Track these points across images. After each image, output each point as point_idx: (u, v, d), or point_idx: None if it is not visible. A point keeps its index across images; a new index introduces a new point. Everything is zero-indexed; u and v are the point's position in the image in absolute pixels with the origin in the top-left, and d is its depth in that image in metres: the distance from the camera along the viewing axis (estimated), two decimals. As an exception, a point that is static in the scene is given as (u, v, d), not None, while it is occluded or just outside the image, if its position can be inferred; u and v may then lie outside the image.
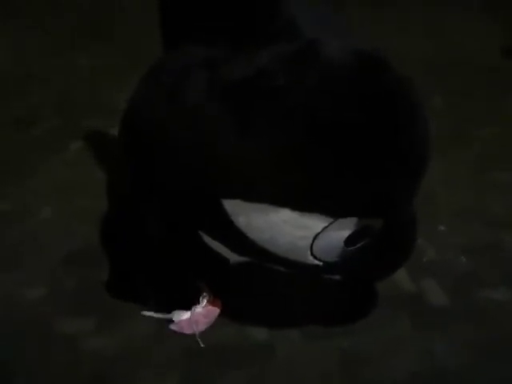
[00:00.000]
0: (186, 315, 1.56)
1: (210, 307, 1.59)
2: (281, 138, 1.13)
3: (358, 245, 1.31)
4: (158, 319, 1.57)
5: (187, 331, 1.54)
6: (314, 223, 1.22)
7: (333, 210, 1.21)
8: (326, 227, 1.23)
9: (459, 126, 2.55)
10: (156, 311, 1.58)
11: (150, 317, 1.58)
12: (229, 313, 1.59)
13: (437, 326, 1.57)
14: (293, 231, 1.24)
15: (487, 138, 2.49)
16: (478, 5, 4.10)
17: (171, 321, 1.57)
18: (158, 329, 1.55)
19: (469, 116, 2.65)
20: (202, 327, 1.55)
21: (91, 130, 2.61)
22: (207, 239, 1.44)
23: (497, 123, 2.60)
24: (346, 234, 1.26)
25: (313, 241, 1.26)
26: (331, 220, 1.22)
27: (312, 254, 1.29)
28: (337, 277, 1.48)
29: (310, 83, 1.15)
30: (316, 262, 1.32)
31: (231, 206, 1.24)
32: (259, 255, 1.36)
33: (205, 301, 1.59)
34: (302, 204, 1.19)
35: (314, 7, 1.42)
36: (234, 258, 1.48)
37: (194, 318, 1.56)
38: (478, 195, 2.10)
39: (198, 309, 1.57)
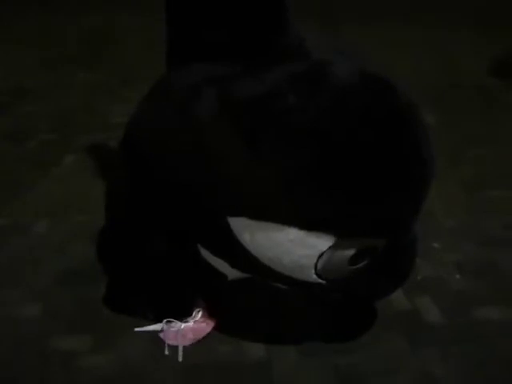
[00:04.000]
0: (175, 327, 1.56)
1: (202, 324, 1.58)
2: (292, 159, 1.14)
3: (362, 264, 1.32)
4: (156, 337, 1.56)
5: (171, 342, 1.54)
6: (320, 242, 1.24)
7: (340, 230, 1.22)
8: (331, 246, 1.24)
9: (455, 145, 2.58)
10: (152, 323, 1.59)
11: (145, 333, 1.58)
12: (226, 329, 1.58)
13: (432, 343, 1.57)
14: (298, 250, 1.25)
15: (483, 156, 2.51)
16: (476, 25, 4.16)
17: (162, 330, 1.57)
18: (155, 347, 1.55)
19: (464, 135, 2.68)
20: (187, 342, 1.55)
21: (86, 144, 2.62)
22: (206, 254, 1.44)
23: (492, 142, 2.62)
24: (350, 253, 1.27)
25: (317, 260, 1.27)
26: (337, 239, 1.23)
27: (316, 272, 1.30)
28: (338, 295, 1.49)
29: (320, 105, 1.16)
30: (319, 280, 1.33)
31: (237, 223, 1.25)
32: (262, 273, 1.36)
33: (198, 315, 1.59)
34: (310, 224, 1.20)
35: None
36: (232, 274, 1.48)
37: (183, 331, 1.56)
38: (472, 213, 2.12)
39: (189, 323, 1.57)
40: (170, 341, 1.54)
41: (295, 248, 1.24)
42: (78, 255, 1.88)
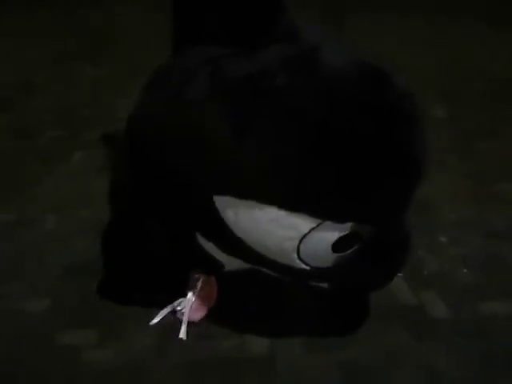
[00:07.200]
0: (188, 303, 1.56)
1: (208, 289, 1.58)
2: (279, 141, 1.13)
3: (347, 252, 1.31)
4: (160, 332, 1.57)
5: (191, 318, 1.55)
6: (301, 223, 1.23)
7: (321, 212, 1.21)
8: (313, 228, 1.23)
9: (462, 138, 2.57)
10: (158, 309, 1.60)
11: (155, 325, 1.59)
12: (220, 320, 1.58)
13: (437, 338, 1.57)
14: (279, 231, 1.24)
15: (490, 150, 2.50)
16: (485, 16, 4.13)
17: (175, 311, 1.58)
18: (159, 342, 1.55)
19: (472, 128, 2.66)
20: (205, 311, 1.57)
21: (94, 139, 2.62)
22: (203, 242, 1.44)
23: (500, 136, 2.61)
24: (333, 238, 1.26)
25: (299, 243, 1.26)
26: (319, 221, 1.22)
27: (299, 257, 1.30)
28: (325, 284, 1.48)
29: (310, 88, 1.15)
30: (303, 266, 1.32)
31: (222, 202, 1.25)
32: (248, 256, 1.37)
33: (200, 283, 1.58)
34: (290, 204, 1.19)
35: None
36: (229, 263, 1.48)
37: (196, 303, 1.57)
38: (479, 207, 2.11)
39: (197, 293, 1.57)
40: (189, 317, 1.55)
41: (276, 229, 1.24)
42: (84, 250, 1.88)
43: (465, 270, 1.80)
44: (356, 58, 1.23)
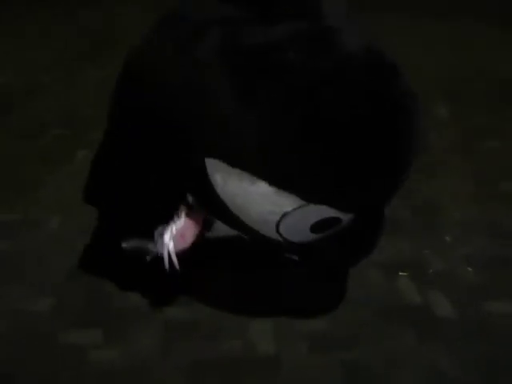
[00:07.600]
0: (169, 234, 1.54)
1: (192, 217, 1.55)
2: (278, 115, 1.14)
3: (324, 233, 1.33)
4: (164, 333, 1.57)
5: (176, 247, 1.53)
6: (286, 202, 1.25)
7: (307, 195, 1.23)
8: (295, 209, 1.25)
9: (467, 138, 2.56)
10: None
11: (156, 325, 1.59)
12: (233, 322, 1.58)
13: (442, 338, 1.57)
14: (264, 204, 1.26)
15: (494, 149, 2.50)
16: (485, 16, 4.13)
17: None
18: (163, 341, 1.55)
19: (476, 128, 2.66)
20: (190, 239, 1.54)
21: (96, 139, 2.61)
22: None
23: (504, 135, 2.61)
24: (313, 220, 1.29)
25: (281, 218, 1.28)
26: (303, 203, 1.24)
27: (278, 230, 1.32)
28: (296, 257, 1.50)
29: (318, 69, 1.15)
30: (280, 239, 1.35)
31: (212, 165, 1.26)
32: (229, 220, 1.39)
33: (183, 213, 1.55)
34: (280, 182, 1.21)
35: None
36: (218, 229, 1.51)
37: (180, 231, 1.54)
38: (481, 207, 2.11)
39: (181, 221, 1.54)
40: (179, 246, 1.53)
41: (262, 202, 1.26)
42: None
43: (469, 269, 1.80)
44: (369, 46, 1.23)
